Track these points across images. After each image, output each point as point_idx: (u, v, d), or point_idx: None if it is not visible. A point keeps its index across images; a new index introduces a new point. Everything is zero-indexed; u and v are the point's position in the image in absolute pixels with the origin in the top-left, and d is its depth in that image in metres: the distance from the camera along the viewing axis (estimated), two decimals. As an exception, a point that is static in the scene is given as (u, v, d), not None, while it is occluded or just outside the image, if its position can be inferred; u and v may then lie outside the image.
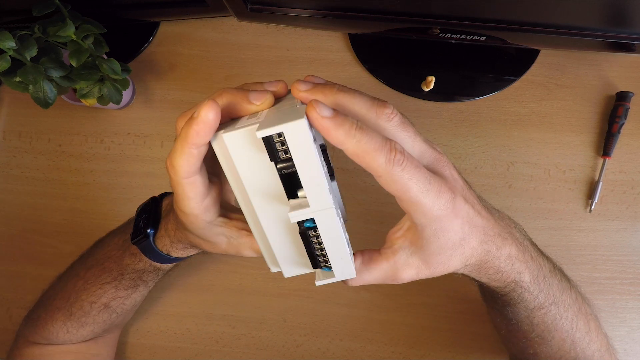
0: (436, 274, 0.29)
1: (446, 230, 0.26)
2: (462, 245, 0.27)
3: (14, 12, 0.50)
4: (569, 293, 0.36)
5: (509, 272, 0.31)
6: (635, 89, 0.53)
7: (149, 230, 0.37)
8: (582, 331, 0.36)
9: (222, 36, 0.59)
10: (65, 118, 0.58)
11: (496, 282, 0.31)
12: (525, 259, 0.32)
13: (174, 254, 0.38)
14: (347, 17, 0.45)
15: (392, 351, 0.51)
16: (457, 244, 0.27)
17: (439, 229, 0.26)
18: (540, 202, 0.53)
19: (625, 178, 0.53)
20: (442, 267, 0.28)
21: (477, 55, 0.55)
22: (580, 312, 0.36)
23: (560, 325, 0.35)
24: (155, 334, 0.53)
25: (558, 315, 0.35)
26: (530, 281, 0.32)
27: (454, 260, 0.28)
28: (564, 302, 0.35)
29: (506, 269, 0.30)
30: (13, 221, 0.56)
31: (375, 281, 0.29)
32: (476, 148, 0.55)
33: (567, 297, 0.35)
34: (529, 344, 0.37)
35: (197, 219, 0.30)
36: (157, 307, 0.53)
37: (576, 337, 0.36)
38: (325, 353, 0.52)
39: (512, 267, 0.31)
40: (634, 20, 0.41)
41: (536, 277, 0.33)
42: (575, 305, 0.36)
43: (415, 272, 0.28)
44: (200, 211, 0.29)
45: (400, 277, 0.28)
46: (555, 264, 0.36)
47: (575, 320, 0.35)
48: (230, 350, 0.52)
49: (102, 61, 0.45)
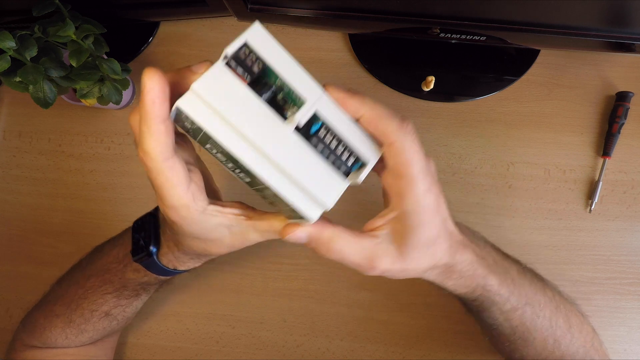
0: (405, 271, 0.28)
1: (428, 224, 0.27)
2: (435, 244, 0.28)
3: (14, 12, 0.50)
4: (543, 292, 0.36)
5: (472, 276, 0.31)
6: (635, 89, 0.53)
7: (152, 249, 0.35)
8: (563, 328, 0.36)
9: (222, 36, 0.59)
10: (65, 118, 0.58)
11: (461, 288, 0.32)
12: (488, 264, 0.32)
13: (182, 267, 0.36)
14: (347, 17, 0.45)
15: (392, 351, 0.51)
16: (432, 241, 0.28)
17: (422, 219, 0.26)
18: (540, 202, 0.53)
19: (625, 178, 0.54)
20: (414, 263, 0.28)
21: (477, 55, 0.55)
22: (559, 310, 0.37)
23: (539, 325, 0.35)
24: (155, 334, 0.53)
25: (535, 315, 0.35)
26: (498, 285, 0.33)
27: (426, 258, 0.28)
28: (539, 302, 0.35)
29: (469, 274, 0.31)
30: (13, 221, 0.56)
31: (351, 259, 0.27)
32: (476, 148, 0.55)
33: (542, 297, 0.36)
34: (514, 347, 0.37)
35: (189, 211, 0.27)
36: (157, 307, 0.53)
37: (557, 334, 0.36)
38: (325, 353, 0.52)
39: (475, 272, 0.31)
40: (634, 20, 0.41)
41: (504, 280, 0.33)
42: (551, 303, 0.36)
43: (390, 261, 0.28)
44: (189, 199, 0.27)
45: (376, 263, 0.27)
46: (524, 266, 0.37)
47: (553, 318, 0.36)
48: (230, 350, 0.52)
49: (102, 61, 0.45)
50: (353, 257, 0.27)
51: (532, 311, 0.35)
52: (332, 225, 0.27)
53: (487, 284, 0.32)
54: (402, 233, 0.27)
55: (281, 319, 0.52)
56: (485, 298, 0.33)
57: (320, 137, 0.24)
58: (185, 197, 0.26)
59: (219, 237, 0.31)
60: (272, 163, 0.23)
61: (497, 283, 0.32)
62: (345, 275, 0.53)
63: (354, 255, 0.27)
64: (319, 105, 0.24)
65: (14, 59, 0.41)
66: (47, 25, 0.42)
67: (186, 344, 0.52)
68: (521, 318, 0.35)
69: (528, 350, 0.37)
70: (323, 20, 0.46)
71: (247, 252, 0.54)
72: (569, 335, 0.37)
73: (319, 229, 0.27)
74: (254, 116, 0.22)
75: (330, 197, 0.25)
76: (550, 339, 0.36)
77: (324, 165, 0.24)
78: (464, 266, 0.31)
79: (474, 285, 0.32)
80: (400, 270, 0.28)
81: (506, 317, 0.34)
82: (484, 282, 0.32)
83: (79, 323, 0.41)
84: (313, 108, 0.23)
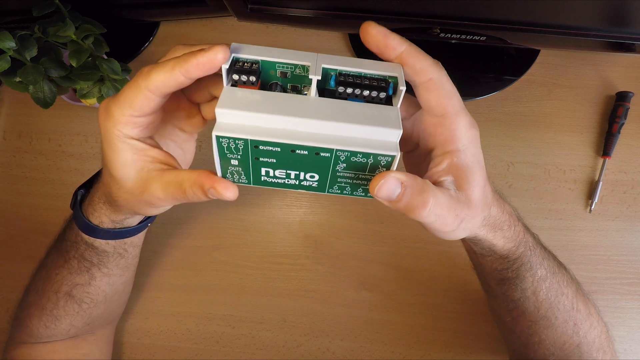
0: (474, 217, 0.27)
1: (479, 160, 0.26)
2: (486, 185, 0.27)
3: (14, 12, 0.50)
4: (565, 272, 0.37)
5: (516, 228, 0.31)
6: (635, 89, 0.53)
7: (79, 190, 0.35)
8: (583, 313, 0.36)
9: (222, 36, 0.59)
10: (65, 118, 0.58)
11: (510, 241, 0.31)
12: (524, 223, 0.33)
13: (92, 218, 0.34)
14: (347, 17, 0.45)
15: (392, 351, 0.51)
16: (484, 180, 0.27)
17: (475, 155, 0.26)
18: (540, 202, 0.53)
19: (625, 178, 0.54)
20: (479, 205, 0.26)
21: (477, 55, 0.55)
22: (579, 294, 0.37)
23: (562, 304, 0.35)
24: (155, 334, 0.53)
25: (559, 291, 0.35)
26: (534, 243, 0.33)
27: (484, 200, 0.27)
28: (563, 278, 0.36)
29: (514, 224, 0.31)
30: (13, 221, 0.56)
31: (444, 214, 0.24)
32: (476, 148, 0.55)
33: (564, 275, 0.36)
34: (534, 329, 0.37)
35: (117, 125, 0.25)
36: (157, 307, 0.53)
37: (578, 318, 0.36)
38: (325, 353, 0.52)
39: (517, 224, 0.31)
40: (634, 20, 0.41)
41: (537, 241, 0.34)
42: (572, 285, 0.37)
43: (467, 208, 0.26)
44: (123, 117, 0.25)
45: (459, 211, 0.25)
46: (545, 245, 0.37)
47: (574, 300, 0.36)
48: (230, 350, 0.52)
49: (102, 61, 0.45)
50: (442, 210, 0.24)
51: (557, 287, 0.35)
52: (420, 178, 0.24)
53: (528, 240, 0.32)
54: (463, 175, 0.25)
55: (281, 319, 0.52)
56: (526, 258, 0.33)
57: (342, 84, 0.24)
58: (125, 115, 0.25)
59: (123, 177, 0.27)
60: (321, 130, 0.23)
61: (533, 242, 0.33)
62: (345, 275, 0.53)
63: (443, 207, 0.24)
64: (323, 61, 0.24)
65: (14, 59, 0.41)
66: (47, 25, 0.42)
67: (186, 344, 0.52)
68: (547, 292, 0.35)
69: (548, 333, 0.36)
70: (323, 20, 0.46)
71: (247, 252, 0.54)
72: (588, 322, 0.36)
73: (410, 176, 0.23)
74: (279, 104, 0.23)
75: (393, 121, 0.23)
76: (571, 322, 0.36)
77: (365, 105, 0.24)
78: (507, 216, 0.30)
79: (519, 239, 0.32)
80: (472, 217, 0.26)
81: (535, 289, 0.34)
82: (526, 238, 0.32)
83: (50, 308, 0.41)
84: (319, 64, 0.24)
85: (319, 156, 0.23)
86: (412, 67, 0.24)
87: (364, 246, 0.53)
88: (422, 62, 0.24)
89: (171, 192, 0.26)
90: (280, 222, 0.54)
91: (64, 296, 0.40)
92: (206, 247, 0.54)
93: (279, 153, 0.23)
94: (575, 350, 0.37)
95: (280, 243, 0.54)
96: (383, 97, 0.24)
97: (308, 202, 0.54)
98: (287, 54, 0.24)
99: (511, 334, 0.41)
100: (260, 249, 0.54)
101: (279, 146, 0.23)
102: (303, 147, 0.22)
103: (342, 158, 0.23)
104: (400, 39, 0.24)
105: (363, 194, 0.25)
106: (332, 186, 0.25)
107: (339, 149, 0.22)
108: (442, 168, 0.26)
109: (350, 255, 0.53)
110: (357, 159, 0.23)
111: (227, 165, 0.24)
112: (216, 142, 0.23)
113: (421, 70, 0.24)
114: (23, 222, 0.56)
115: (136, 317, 0.53)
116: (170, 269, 0.53)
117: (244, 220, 0.54)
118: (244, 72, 0.24)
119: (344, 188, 0.25)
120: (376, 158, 0.23)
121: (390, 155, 0.23)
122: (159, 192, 0.26)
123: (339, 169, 0.24)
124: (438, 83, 0.24)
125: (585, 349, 0.37)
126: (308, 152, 0.23)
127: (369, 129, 0.23)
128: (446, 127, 0.25)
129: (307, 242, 0.54)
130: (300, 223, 0.54)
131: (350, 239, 0.53)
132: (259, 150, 0.23)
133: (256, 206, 0.54)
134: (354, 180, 0.24)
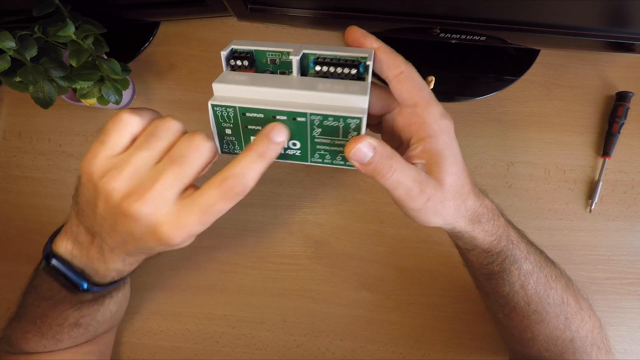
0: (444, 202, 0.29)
1: (452, 146, 0.28)
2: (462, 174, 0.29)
3: (14, 12, 0.50)
4: (553, 266, 0.37)
5: (497, 223, 0.33)
6: (635, 89, 0.53)
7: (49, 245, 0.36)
8: (573, 307, 0.37)
9: (222, 36, 0.59)
10: (65, 118, 0.58)
11: (490, 235, 0.33)
12: (507, 219, 0.34)
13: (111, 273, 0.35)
14: (347, 17, 0.45)
15: (392, 351, 0.51)
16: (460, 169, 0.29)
17: (447, 141, 0.28)
18: (540, 202, 0.53)
19: (625, 178, 0.54)
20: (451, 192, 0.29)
21: (477, 55, 0.55)
22: (569, 288, 0.37)
23: (551, 297, 0.36)
24: (155, 334, 0.53)
25: (548, 285, 0.36)
26: (518, 238, 0.34)
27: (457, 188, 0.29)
28: (550, 273, 0.36)
29: (494, 219, 0.32)
30: (13, 221, 0.56)
31: (406, 182, 0.27)
32: (476, 148, 0.55)
33: (552, 270, 0.37)
34: (527, 325, 0.37)
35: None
36: (157, 307, 0.53)
37: (569, 312, 0.36)
38: (325, 353, 0.52)
39: (499, 219, 0.33)
40: (634, 20, 0.41)
41: (521, 237, 0.34)
42: (562, 279, 0.37)
43: (434, 188, 0.28)
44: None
45: (425, 186, 0.27)
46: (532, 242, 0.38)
47: (564, 294, 0.36)
48: (230, 350, 0.52)
49: (102, 61, 0.45)
50: (407, 180, 0.27)
51: (545, 281, 0.35)
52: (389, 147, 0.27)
53: (510, 235, 0.33)
54: (434, 159, 0.28)
55: (281, 319, 0.52)
56: (509, 252, 0.34)
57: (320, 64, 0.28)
58: None
59: None
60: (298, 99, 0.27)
61: (517, 237, 0.34)
62: (345, 275, 0.53)
63: (408, 177, 0.27)
64: (304, 48, 0.28)
65: (14, 59, 0.41)
66: (47, 25, 0.42)
67: (186, 344, 0.52)
68: (536, 286, 0.35)
69: (540, 328, 0.37)
70: (323, 20, 0.46)
71: (247, 252, 0.54)
72: (579, 316, 0.37)
73: (381, 142, 0.26)
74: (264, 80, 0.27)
75: (361, 90, 0.26)
76: (562, 316, 0.36)
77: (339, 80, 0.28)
78: (487, 210, 0.32)
79: (500, 232, 0.33)
80: (441, 201, 0.29)
81: (523, 283, 0.35)
82: (508, 233, 0.33)
83: (52, 334, 0.39)
84: (300, 50, 0.28)
85: (296, 121, 0.26)
86: (386, 62, 0.28)
87: (364, 246, 0.53)
88: (394, 58, 0.28)
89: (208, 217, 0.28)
90: (280, 222, 0.54)
91: (70, 326, 0.39)
92: (206, 247, 0.54)
93: (263, 120, 0.27)
94: (569, 345, 0.37)
95: (280, 243, 0.54)
96: (355, 73, 0.28)
97: (308, 202, 0.54)
98: (276, 45, 0.29)
99: (506, 331, 0.41)
100: (260, 249, 0.54)
101: (262, 112, 0.26)
102: (282, 112, 0.26)
103: (316, 122, 0.26)
104: (377, 39, 0.28)
105: (342, 162, 0.28)
106: (313, 154, 0.28)
107: (312, 112, 0.26)
108: (416, 153, 0.29)
109: (350, 255, 0.53)
110: (329, 122, 0.26)
111: (222, 135, 0.28)
112: (212, 111, 0.27)
113: (393, 65, 0.27)
114: (23, 222, 0.56)
115: (136, 317, 0.53)
116: (170, 269, 0.54)
117: (244, 220, 0.54)
118: (239, 58, 0.29)
119: (324, 156, 0.28)
120: (345, 121, 0.26)
121: (357, 118, 0.26)
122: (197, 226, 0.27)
123: (315, 135, 0.27)
124: (409, 75, 0.28)
125: (579, 344, 0.37)
126: (287, 117, 0.26)
127: (339, 97, 0.26)
128: (418, 114, 0.28)
129: (307, 242, 0.54)
130: (300, 223, 0.54)
131: (350, 239, 0.53)
132: (247, 118, 0.27)
133: (256, 206, 0.54)
134: (331, 147, 0.28)
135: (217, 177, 0.26)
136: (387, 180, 0.27)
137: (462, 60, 0.55)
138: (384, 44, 0.28)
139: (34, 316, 0.39)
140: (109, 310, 0.41)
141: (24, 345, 0.40)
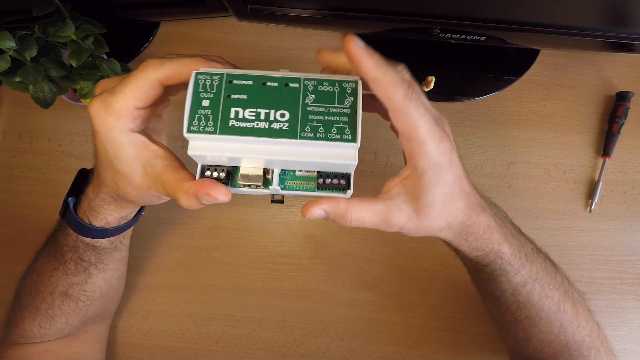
0: (420, 228, 0.29)
1: (442, 181, 0.28)
2: (451, 202, 0.29)
3: (14, 12, 0.51)
4: (554, 275, 0.37)
5: (488, 240, 0.32)
6: (635, 89, 0.53)
7: (69, 199, 0.36)
8: (570, 314, 0.36)
9: (222, 36, 0.59)
10: (65, 118, 0.57)
11: (476, 251, 0.33)
12: (504, 233, 0.33)
13: (95, 221, 0.35)
14: (347, 17, 0.45)
15: (392, 351, 0.51)
16: (447, 198, 0.29)
17: (436, 177, 0.27)
18: (540, 202, 0.53)
19: (625, 178, 0.54)
20: (428, 221, 0.29)
21: (477, 55, 0.55)
22: (567, 296, 0.37)
23: (546, 306, 0.35)
24: (155, 334, 0.53)
25: (543, 294, 0.35)
26: (511, 254, 0.33)
27: (442, 216, 0.29)
28: (549, 282, 0.36)
29: (485, 237, 0.32)
30: (13, 221, 0.56)
31: (369, 222, 0.29)
32: (476, 148, 0.55)
33: (552, 279, 0.36)
34: (519, 327, 0.37)
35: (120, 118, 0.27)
36: (157, 307, 0.53)
37: (564, 319, 0.36)
38: (325, 353, 0.52)
39: (491, 237, 0.32)
40: (634, 20, 0.41)
41: (517, 252, 0.34)
42: (561, 287, 0.37)
43: (406, 218, 0.29)
44: (127, 110, 0.27)
45: (392, 220, 0.29)
46: (539, 248, 0.37)
47: (561, 302, 0.36)
48: (230, 350, 0.52)
49: (102, 61, 0.45)
50: (370, 220, 0.28)
51: (540, 290, 0.35)
52: (344, 200, 0.28)
53: (501, 251, 0.33)
54: (415, 191, 0.28)
55: (281, 319, 0.52)
56: (497, 266, 0.33)
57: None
58: (127, 107, 0.27)
59: (130, 172, 0.29)
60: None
61: (510, 253, 0.33)
62: (345, 275, 0.53)
63: (371, 219, 0.28)
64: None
65: (14, 59, 0.41)
66: (47, 25, 0.42)
67: (186, 344, 0.52)
68: (529, 295, 0.35)
69: (533, 331, 0.37)
70: (323, 20, 0.46)
71: (247, 252, 0.54)
72: (575, 322, 0.37)
73: (333, 204, 0.28)
74: None
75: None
76: (557, 322, 0.36)
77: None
78: (480, 229, 0.31)
79: (488, 249, 0.33)
80: (415, 228, 0.29)
81: (514, 291, 0.35)
82: (499, 249, 0.33)
83: (45, 309, 0.41)
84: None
85: (289, 87, 0.25)
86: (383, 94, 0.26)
87: (364, 246, 0.53)
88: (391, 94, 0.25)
89: (167, 195, 0.29)
90: (280, 222, 0.54)
91: (60, 296, 0.40)
92: (206, 247, 0.54)
93: (251, 87, 0.25)
94: (564, 349, 0.37)
95: (280, 243, 0.54)
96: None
97: (308, 202, 0.54)
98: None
99: (503, 330, 0.41)
100: (260, 249, 0.54)
101: (252, 79, 0.25)
102: (273, 78, 0.25)
103: (310, 88, 0.25)
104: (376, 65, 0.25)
105: (339, 136, 0.25)
106: (304, 127, 0.25)
107: (307, 77, 0.25)
108: (397, 181, 0.29)
109: (350, 255, 0.53)
110: (324, 87, 0.25)
111: (197, 108, 0.25)
112: (193, 80, 0.25)
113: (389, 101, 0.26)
114: (23, 222, 0.56)
115: (136, 317, 0.53)
116: (170, 269, 0.54)
117: (244, 220, 0.54)
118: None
119: (316, 129, 0.25)
120: (341, 85, 0.25)
121: (353, 81, 0.25)
122: (161, 190, 0.29)
123: (308, 102, 0.25)
124: (404, 114, 0.26)
125: (575, 348, 0.37)
126: (278, 83, 0.25)
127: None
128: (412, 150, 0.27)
129: (307, 242, 0.54)
130: (300, 223, 0.54)
131: (350, 239, 0.53)
132: (233, 86, 0.25)
133: (256, 206, 0.54)
134: (325, 116, 0.25)
135: None
136: (350, 225, 0.28)
137: (462, 60, 0.55)
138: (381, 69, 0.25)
139: (30, 288, 0.41)
140: (97, 286, 0.42)
141: (21, 323, 0.42)
